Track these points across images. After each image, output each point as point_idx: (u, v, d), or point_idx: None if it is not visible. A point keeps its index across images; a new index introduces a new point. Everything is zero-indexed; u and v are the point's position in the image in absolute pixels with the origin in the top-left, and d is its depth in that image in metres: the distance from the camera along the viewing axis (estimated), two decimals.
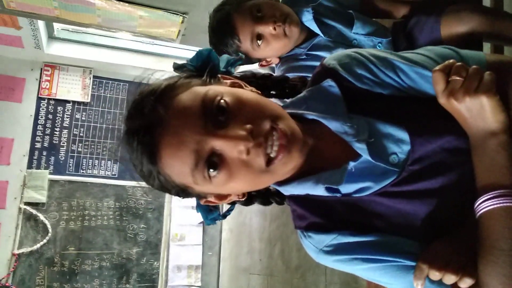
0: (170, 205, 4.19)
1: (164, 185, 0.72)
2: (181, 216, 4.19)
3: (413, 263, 0.69)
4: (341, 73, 0.76)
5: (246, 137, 0.64)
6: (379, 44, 1.39)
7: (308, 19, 1.36)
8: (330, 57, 0.81)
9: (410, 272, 0.69)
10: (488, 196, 0.64)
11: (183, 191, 0.74)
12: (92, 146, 4.05)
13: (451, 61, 0.68)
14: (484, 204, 0.65)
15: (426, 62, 0.75)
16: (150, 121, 0.67)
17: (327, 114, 0.74)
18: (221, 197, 0.79)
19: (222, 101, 0.67)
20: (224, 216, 0.86)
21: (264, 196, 0.89)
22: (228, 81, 0.77)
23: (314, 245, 0.76)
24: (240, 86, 0.77)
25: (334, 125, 0.74)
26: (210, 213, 0.83)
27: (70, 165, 3.96)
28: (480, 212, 0.65)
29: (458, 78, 0.65)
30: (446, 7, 1.33)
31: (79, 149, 4.01)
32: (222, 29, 1.30)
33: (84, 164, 4.00)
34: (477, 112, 0.65)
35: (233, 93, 0.70)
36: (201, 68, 0.76)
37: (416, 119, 0.73)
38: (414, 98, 0.76)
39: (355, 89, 0.76)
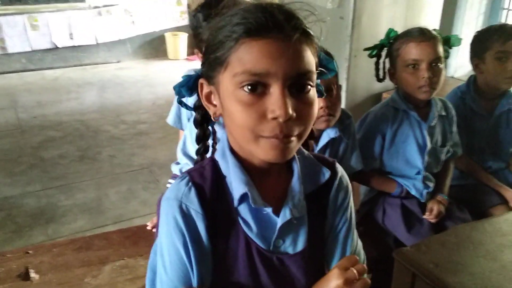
0: None
1: (218, 41, 0.73)
2: None
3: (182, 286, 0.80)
4: (334, 179, 0.89)
5: (287, 115, 0.69)
6: None
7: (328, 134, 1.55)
8: (341, 168, 0.93)
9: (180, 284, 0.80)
10: None
11: (215, 62, 0.74)
12: None
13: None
14: None
15: (354, 243, 0.92)
16: (289, 23, 0.70)
17: (301, 175, 0.85)
18: (209, 99, 0.81)
19: (309, 87, 0.73)
20: (181, 102, 0.89)
21: (207, 133, 0.90)
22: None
23: (181, 194, 0.80)
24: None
25: (295, 184, 0.84)
26: (188, 90, 0.85)
27: None
28: None
29: (356, 273, 0.79)
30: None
31: None
32: None
33: None
34: None
35: (314, 94, 0.76)
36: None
37: (312, 252, 0.86)
38: (322, 249, 0.90)
39: (324, 197, 0.90)
